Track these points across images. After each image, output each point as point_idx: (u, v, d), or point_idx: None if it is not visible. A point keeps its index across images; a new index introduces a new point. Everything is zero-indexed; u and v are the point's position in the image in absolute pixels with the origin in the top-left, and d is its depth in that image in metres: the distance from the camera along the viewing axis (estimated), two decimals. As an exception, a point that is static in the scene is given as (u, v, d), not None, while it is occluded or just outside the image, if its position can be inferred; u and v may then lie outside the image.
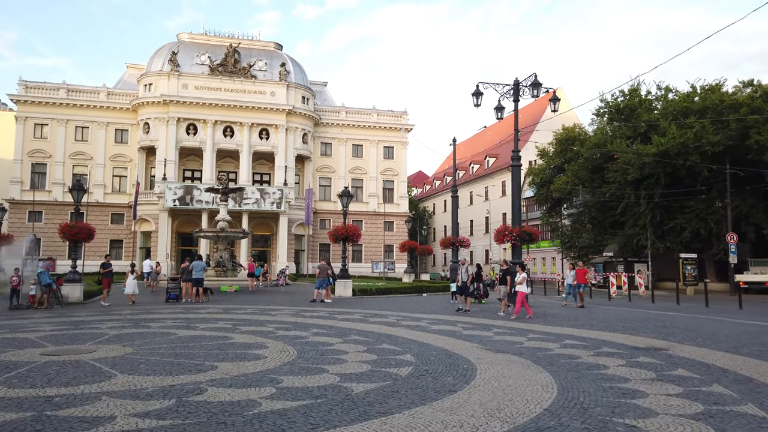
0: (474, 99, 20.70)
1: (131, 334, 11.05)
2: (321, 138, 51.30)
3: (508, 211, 62.16)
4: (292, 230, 46.67)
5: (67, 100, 46.01)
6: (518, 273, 16.23)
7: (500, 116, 21.64)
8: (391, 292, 25.36)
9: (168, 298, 20.15)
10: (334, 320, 14.49)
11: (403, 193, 53.50)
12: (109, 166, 46.92)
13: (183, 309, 17.16)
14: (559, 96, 63.70)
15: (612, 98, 39.93)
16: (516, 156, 20.63)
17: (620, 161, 36.47)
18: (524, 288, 15.71)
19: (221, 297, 22.93)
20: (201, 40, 49.05)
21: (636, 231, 38.15)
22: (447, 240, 30.90)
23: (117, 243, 46.59)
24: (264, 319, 14.32)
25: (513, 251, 20.36)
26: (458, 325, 13.82)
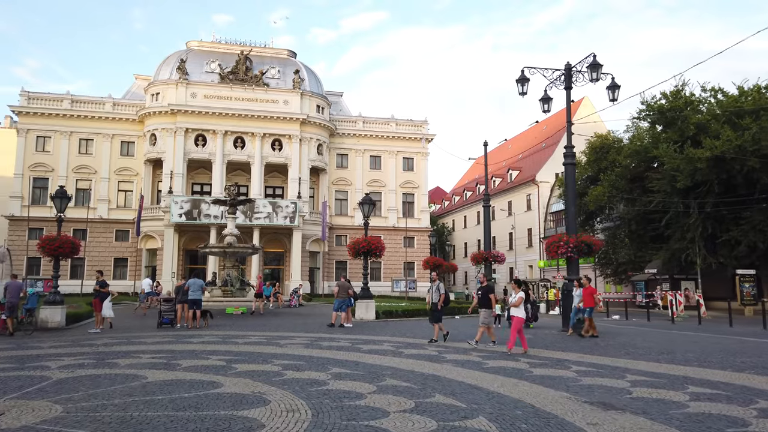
0: (519, 87, 17.66)
1: (83, 379, 7.99)
2: (337, 149, 48.51)
3: (533, 226, 58.85)
4: (306, 246, 43.67)
5: (71, 111, 43.77)
6: (513, 292, 12.70)
7: (547, 108, 18.57)
8: (420, 314, 22.12)
9: (161, 323, 17.15)
10: (358, 353, 11.35)
11: (424, 207, 50.36)
12: (114, 180, 44.45)
13: (174, 337, 14.11)
14: (585, 105, 60.25)
15: (652, 100, 36.65)
16: (570, 152, 17.50)
17: (667, 168, 33.12)
18: (520, 312, 12.00)
19: (224, 320, 19.87)
20: (211, 48, 46.78)
21: (684, 245, 34.56)
22: (479, 255, 27.65)
23: (121, 261, 43.90)
24: (270, 352, 11.21)
25: (569, 266, 17.10)
26: (521, 360, 10.61)
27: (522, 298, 12.12)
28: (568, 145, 17.47)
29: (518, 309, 11.98)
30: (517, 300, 12.11)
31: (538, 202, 58.42)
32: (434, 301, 14.13)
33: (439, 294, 14.11)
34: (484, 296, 13.07)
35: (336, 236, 47.35)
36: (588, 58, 16.81)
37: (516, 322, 11.87)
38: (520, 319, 11.84)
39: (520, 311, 11.95)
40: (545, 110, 18.66)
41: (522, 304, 12.23)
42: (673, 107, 35.12)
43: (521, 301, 12.11)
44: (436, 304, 14.04)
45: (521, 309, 12.01)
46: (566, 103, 17.60)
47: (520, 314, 11.92)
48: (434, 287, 14.35)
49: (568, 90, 17.60)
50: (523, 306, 12.24)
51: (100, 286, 16.46)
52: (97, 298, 16.15)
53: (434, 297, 14.22)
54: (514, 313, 12.00)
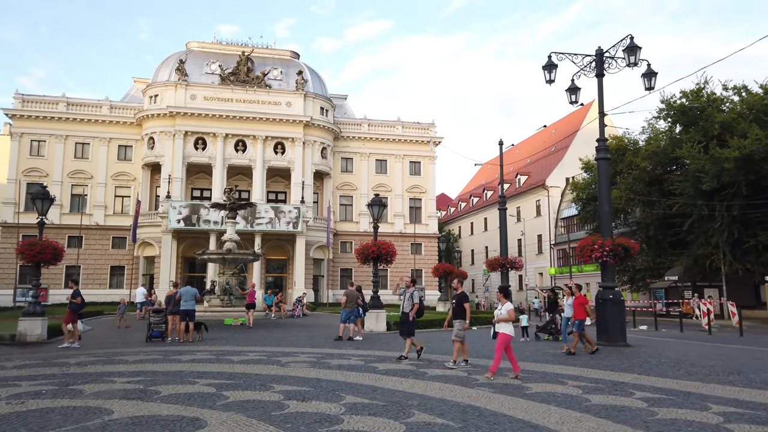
0: (546, 74, 16.01)
1: (29, 415, 6.29)
2: (341, 153, 46.90)
3: (543, 232, 57.04)
4: (310, 254, 41.96)
5: (67, 114, 42.29)
6: (500, 303, 10.21)
7: (575, 99, 16.92)
8: (434, 324, 20.37)
9: (150, 336, 15.44)
10: (373, 374, 9.63)
11: (432, 213, 48.63)
12: (110, 186, 42.87)
13: (161, 353, 12.39)
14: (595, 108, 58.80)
15: (671, 99, 34.94)
16: (602, 146, 15.79)
17: (691, 169, 31.40)
18: (508, 329, 9.78)
19: (222, 333, 18.13)
20: (211, 48, 45.32)
21: (708, 250, 32.77)
22: (495, 261, 25.90)
23: (118, 269, 42.25)
24: (270, 374, 9.49)
25: (603, 272, 15.35)
26: (569, 384, 8.88)
27: (512, 312, 9.90)
28: (600, 137, 15.79)
29: (506, 325, 9.79)
30: (507, 314, 9.80)
31: (548, 207, 56.66)
32: (406, 310, 12.09)
33: (413, 303, 12.08)
34: (458, 306, 10.90)
35: (341, 243, 45.66)
36: (624, 40, 15.15)
37: (501, 340, 9.69)
38: (507, 337, 9.68)
39: (508, 327, 9.79)
40: (573, 101, 17.00)
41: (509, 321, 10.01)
42: (695, 105, 33.41)
43: (513, 316, 9.88)
44: (407, 314, 12.00)
45: (510, 325, 9.83)
46: (598, 91, 15.91)
47: (508, 331, 9.76)
48: (408, 294, 12.23)
49: (600, 77, 15.92)
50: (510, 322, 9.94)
51: (72, 296, 14.74)
52: (73, 311, 14.41)
53: (406, 306, 12.17)
54: (502, 329, 9.77)
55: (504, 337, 9.71)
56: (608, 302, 14.96)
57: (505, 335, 9.73)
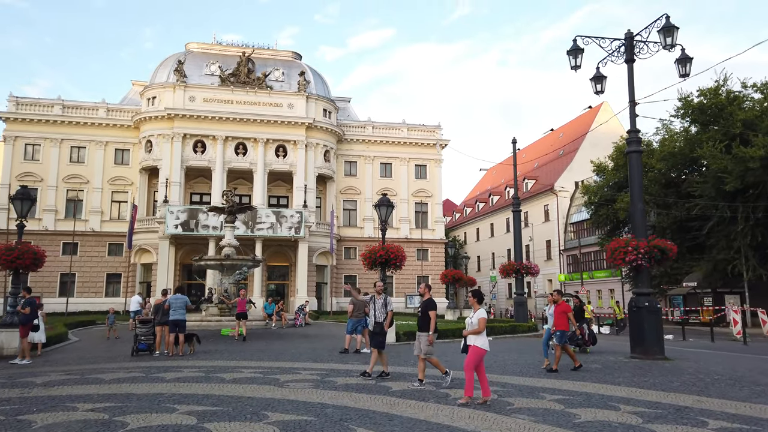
0: (571, 59, 14.60)
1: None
2: (345, 156, 45.52)
3: (552, 238, 55.50)
4: (312, 260, 40.49)
5: (62, 117, 41.01)
6: (473, 311, 8.34)
7: (600, 89, 15.48)
8: (447, 334, 18.85)
9: (136, 350, 13.97)
10: (388, 396, 8.17)
11: (439, 217, 47.13)
12: (107, 191, 41.51)
13: (144, 370, 10.93)
14: (604, 110, 57.16)
15: (688, 97, 33.48)
16: (634, 137, 14.34)
17: (713, 169, 29.91)
18: (481, 341, 8.01)
19: (217, 345, 16.65)
20: (211, 49, 44.09)
21: (729, 255, 31.23)
22: (509, 266, 24.42)
23: (114, 277, 40.83)
24: (265, 397, 8.04)
25: (637, 277, 13.86)
26: (622, 409, 7.40)
27: (485, 320, 8.05)
28: (632, 128, 14.34)
29: (478, 337, 7.99)
30: (479, 323, 7.97)
31: (557, 212, 55.15)
32: (379, 319, 10.41)
33: (386, 311, 10.48)
34: (423, 315, 9.18)
35: (345, 249, 44.21)
36: (658, 21, 13.73)
37: (473, 355, 7.90)
38: (480, 351, 7.93)
39: (481, 340, 8.01)
40: (598, 91, 15.55)
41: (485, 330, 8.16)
42: (714, 104, 31.95)
43: (484, 325, 8.03)
44: (381, 324, 10.34)
45: (484, 337, 8.06)
46: (628, 78, 14.49)
47: (482, 344, 7.99)
48: (381, 301, 10.55)
49: (630, 63, 14.52)
50: (484, 332, 8.11)
51: (22, 306, 13.29)
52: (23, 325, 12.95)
53: (379, 315, 10.43)
54: (473, 343, 8.01)
55: (476, 351, 7.93)
56: (643, 310, 13.47)
57: (478, 349, 7.95)
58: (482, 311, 8.21)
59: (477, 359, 7.94)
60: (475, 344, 8.01)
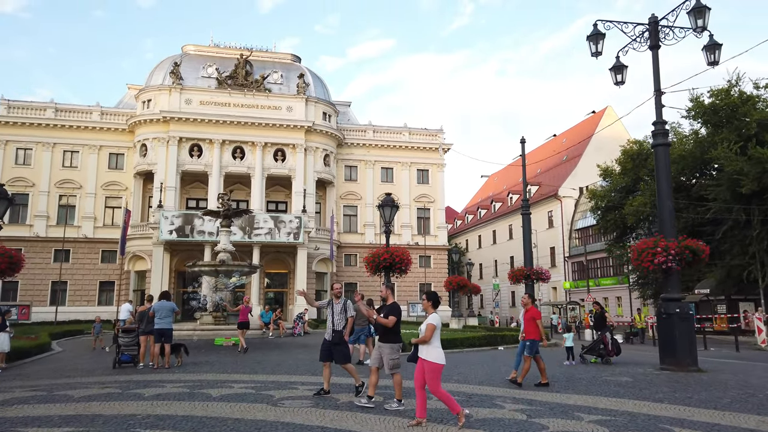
0: (591, 46, 13.51)
1: None
2: (345, 160, 44.42)
3: (557, 245, 54.38)
4: (312, 267, 39.26)
5: (55, 121, 39.94)
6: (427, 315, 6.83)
7: (621, 79, 14.37)
8: (455, 345, 17.66)
9: (118, 362, 12.76)
10: (399, 417, 6.99)
11: (441, 223, 45.98)
12: (100, 196, 40.35)
13: (120, 386, 9.72)
14: (608, 115, 56.06)
15: (698, 98, 32.45)
16: (661, 129, 13.23)
17: (727, 171, 28.80)
18: (436, 354, 6.55)
19: (209, 356, 15.42)
20: (208, 52, 43.11)
21: (744, 261, 30.05)
22: (519, 271, 23.22)
23: (108, 285, 39.59)
24: (254, 419, 6.85)
25: (666, 280, 12.70)
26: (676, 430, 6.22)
27: (434, 328, 6.49)
28: (658, 119, 13.22)
29: (430, 347, 6.49)
30: (426, 330, 6.48)
31: (561, 218, 54.06)
32: (337, 327, 8.80)
33: (346, 317, 8.94)
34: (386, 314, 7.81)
35: (345, 255, 43.02)
36: (686, 2, 12.65)
37: (432, 373, 6.43)
38: (437, 367, 6.44)
39: (435, 352, 6.47)
40: (618, 81, 14.44)
41: (436, 340, 6.56)
42: (727, 104, 30.92)
43: (431, 333, 6.46)
44: (340, 334, 8.77)
45: (438, 349, 6.53)
46: (653, 65, 13.39)
47: (435, 357, 6.47)
48: (340, 306, 8.94)
49: (655, 49, 13.43)
50: (438, 341, 6.62)
51: None
52: None
53: (337, 322, 8.81)
54: (425, 356, 6.52)
55: (433, 369, 6.41)
56: (674, 317, 12.30)
57: (433, 365, 6.42)
58: (435, 317, 6.65)
59: (436, 377, 6.47)
60: (427, 358, 6.47)
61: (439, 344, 6.68)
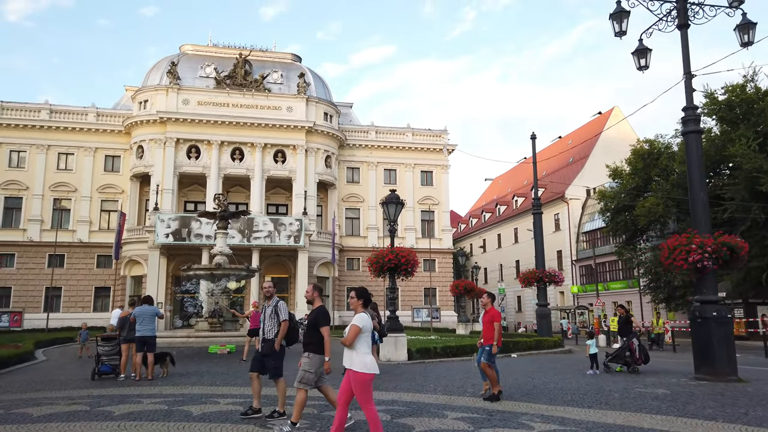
0: (615, 25, 12.40)
1: None
2: (347, 162, 43.32)
3: (563, 248, 53.09)
4: (313, 271, 38.09)
5: (50, 123, 38.90)
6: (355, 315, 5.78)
7: (644, 63, 13.23)
8: (464, 352, 16.46)
9: (97, 372, 11.60)
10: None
11: (446, 226, 44.80)
12: (96, 200, 39.25)
13: (90, 401, 8.56)
14: (615, 115, 54.96)
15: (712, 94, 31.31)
16: (692, 114, 12.09)
17: (745, 169, 27.64)
18: (362, 362, 5.39)
19: (199, 365, 14.25)
20: (207, 51, 42.12)
21: (763, 262, 28.81)
22: (530, 274, 22.09)
23: (103, 291, 38.43)
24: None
25: (701, 281, 11.53)
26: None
27: (358, 329, 5.42)
28: (689, 104, 12.08)
29: (356, 352, 5.42)
30: (349, 332, 5.45)
31: (568, 221, 52.83)
32: (268, 336, 7.41)
33: (278, 322, 7.42)
34: (310, 330, 6.62)
35: (347, 259, 41.85)
36: (720, -25, 11.54)
37: (360, 385, 5.34)
38: (364, 378, 5.33)
39: (359, 358, 5.39)
40: (641, 66, 13.31)
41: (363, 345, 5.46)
42: (743, 100, 29.78)
43: (355, 335, 5.41)
44: (271, 343, 7.37)
45: (362, 353, 5.42)
46: (682, 46, 12.26)
47: (360, 365, 5.36)
48: (270, 309, 7.52)
49: (684, 29, 12.30)
50: (367, 347, 5.51)
51: None
52: None
53: (269, 329, 7.43)
54: (350, 364, 5.44)
55: (360, 380, 5.30)
56: (711, 322, 11.11)
57: (361, 376, 5.30)
58: (362, 317, 5.47)
59: (364, 390, 5.31)
60: (352, 367, 5.36)
61: (369, 350, 5.50)
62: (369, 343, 5.59)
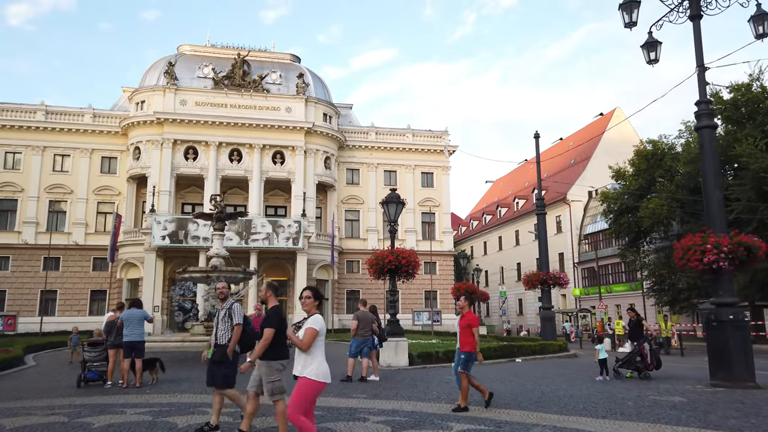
0: (624, 16, 11.92)
1: None
2: (346, 163, 42.81)
3: (565, 250, 52.55)
4: (312, 274, 37.54)
5: (45, 124, 38.42)
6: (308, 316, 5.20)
7: (654, 56, 12.74)
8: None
9: (83, 379, 11.07)
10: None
11: (447, 228, 44.28)
12: (92, 202, 38.74)
13: (72, 411, 8.02)
14: (617, 116, 54.49)
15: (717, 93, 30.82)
16: (706, 109, 11.58)
17: (753, 169, 27.13)
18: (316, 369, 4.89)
19: (191, 371, 13.69)
20: (204, 52, 41.66)
21: (769, 264, 28.26)
22: (534, 276, 21.58)
23: (99, 294, 37.91)
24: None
25: (717, 283, 10.99)
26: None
27: (315, 332, 4.93)
28: (702, 98, 11.57)
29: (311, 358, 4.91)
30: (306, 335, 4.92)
31: (570, 223, 52.30)
32: (221, 341, 6.71)
33: (231, 324, 6.74)
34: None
35: (347, 262, 41.30)
36: (736, -38, 11.05)
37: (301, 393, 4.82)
38: (313, 386, 4.85)
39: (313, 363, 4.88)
40: (651, 60, 12.81)
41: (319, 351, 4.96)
42: (749, 99, 29.32)
43: (312, 338, 4.90)
44: (223, 348, 6.67)
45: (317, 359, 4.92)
46: (695, 38, 11.77)
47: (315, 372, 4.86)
48: (224, 312, 6.81)
49: (696, 20, 11.80)
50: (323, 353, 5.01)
51: None
52: None
53: (222, 334, 6.72)
54: (301, 369, 4.90)
55: (306, 387, 4.79)
56: (727, 325, 10.57)
57: (310, 383, 4.78)
58: (317, 319, 4.92)
59: (308, 399, 4.77)
60: (303, 373, 4.82)
61: (324, 357, 4.93)
62: (323, 347, 5.02)
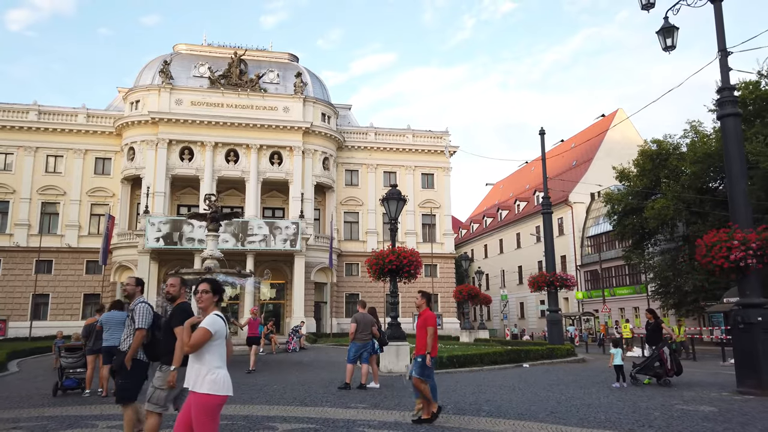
0: None
1: None
2: (345, 164, 42.05)
3: (567, 253, 51.74)
4: (311, 277, 36.72)
5: (38, 124, 37.65)
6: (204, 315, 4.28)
7: (671, 43, 12.01)
8: (473, 362, 15.11)
9: (60, 387, 10.25)
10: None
11: (448, 230, 43.48)
12: (86, 203, 37.92)
13: (38, 425, 7.23)
14: (619, 117, 53.75)
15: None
16: (729, 96, 10.82)
17: (762, 168, 26.40)
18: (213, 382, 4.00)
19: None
20: (201, 51, 40.94)
21: (781, 265, 27.48)
22: (540, 278, 20.76)
23: (93, 298, 36.97)
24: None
25: (743, 282, 10.20)
26: None
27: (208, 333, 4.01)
28: (725, 84, 10.81)
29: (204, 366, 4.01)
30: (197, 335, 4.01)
31: (572, 225, 51.54)
32: (123, 347, 5.82)
33: (134, 328, 5.77)
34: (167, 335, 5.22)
35: (346, 264, 40.48)
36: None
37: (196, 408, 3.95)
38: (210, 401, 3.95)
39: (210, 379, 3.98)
40: (667, 47, 12.07)
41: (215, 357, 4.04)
42: (758, 96, 28.62)
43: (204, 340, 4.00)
44: (122, 356, 5.73)
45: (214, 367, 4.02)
46: (716, 21, 11.03)
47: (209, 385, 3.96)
48: (140, 310, 5.79)
49: (717, 2, 11.06)
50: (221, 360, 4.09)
51: None
52: None
53: (124, 339, 5.85)
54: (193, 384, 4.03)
55: (199, 403, 3.95)
56: (756, 328, 9.78)
57: (203, 398, 3.95)
58: (213, 319, 4.09)
59: (213, 419, 3.94)
60: (195, 389, 3.98)
61: (222, 364, 4.08)
62: (223, 354, 4.14)
